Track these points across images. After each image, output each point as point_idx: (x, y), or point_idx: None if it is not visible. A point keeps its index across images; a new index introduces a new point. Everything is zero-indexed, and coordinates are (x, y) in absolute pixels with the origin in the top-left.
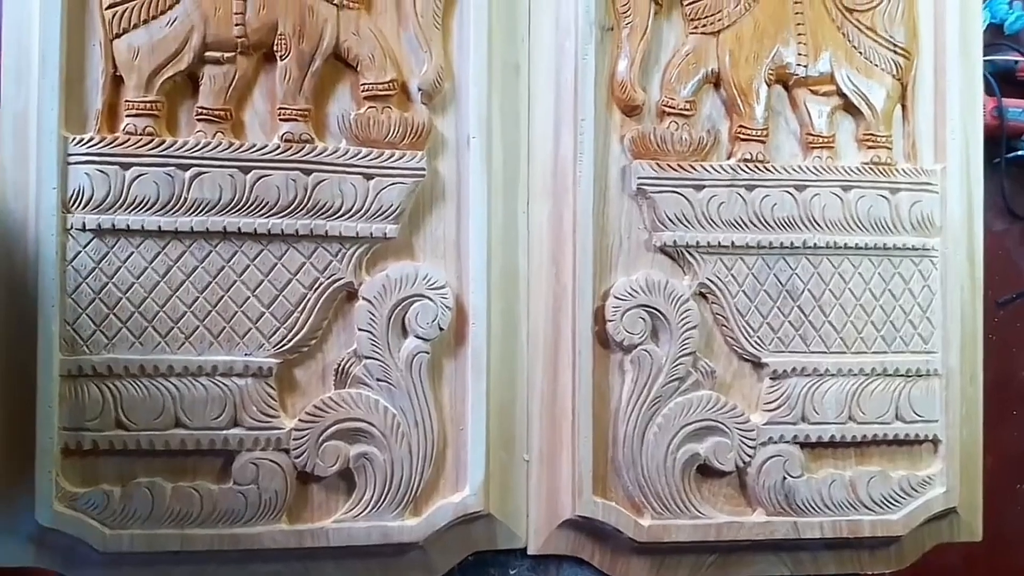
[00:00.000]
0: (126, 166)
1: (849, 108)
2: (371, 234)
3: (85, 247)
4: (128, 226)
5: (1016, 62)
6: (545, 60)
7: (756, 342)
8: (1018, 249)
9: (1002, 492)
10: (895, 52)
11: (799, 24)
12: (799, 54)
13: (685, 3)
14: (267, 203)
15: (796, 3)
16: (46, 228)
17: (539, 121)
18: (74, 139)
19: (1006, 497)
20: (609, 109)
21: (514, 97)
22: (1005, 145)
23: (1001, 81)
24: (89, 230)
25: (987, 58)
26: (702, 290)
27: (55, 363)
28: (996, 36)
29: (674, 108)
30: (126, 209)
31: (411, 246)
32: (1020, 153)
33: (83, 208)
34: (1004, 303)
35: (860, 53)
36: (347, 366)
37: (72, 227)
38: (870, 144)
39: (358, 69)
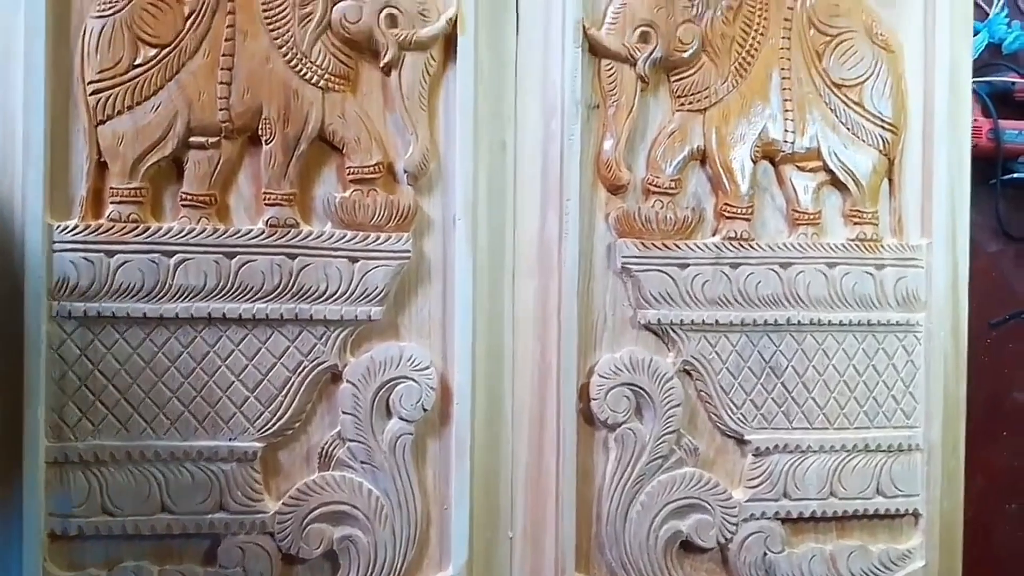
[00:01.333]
0: (111, 253)
1: (836, 183)
2: (356, 317)
3: (71, 335)
4: (113, 313)
5: (1014, 83)
6: (531, 138)
7: (739, 419)
8: (1012, 270)
9: (991, 512)
10: (883, 127)
11: (787, 100)
12: (786, 130)
13: (672, 80)
14: (252, 288)
15: (784, 79)
16: (32, 316)
17: (525, 199)
18: (59, 227)
19: (995, 517)
20: (595, 187)
21: (500, 175)
22: (1001, 167)
23: (998, 102)
24: (75, 318)
25: (985, 79)
26: (686, 367)
27: (41, 450)
28: (994, 56)
29: (659, 187)
30: (111, 296)
31: (396, 326)
32: (1016, 176)
33: (69, 296)
34: (996, 324)
35: (847, 128)
36: (331, 449)
37: (58, 315)
38: (856, 220)
39: (344, 151)
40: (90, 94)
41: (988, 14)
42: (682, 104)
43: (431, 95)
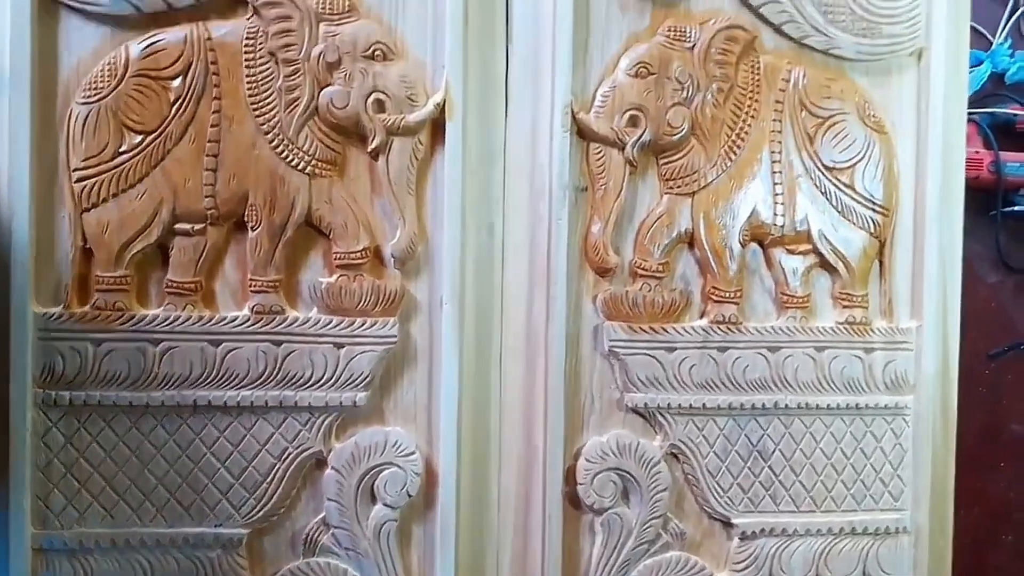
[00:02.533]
0: (97, 342)
1: (825, 265)
2: (340, 403)
3: (56, 423)
4: (99, 401)
5: (1016, 115)
6: (519, 221)
7: (726, 503)
8: (1011, 301)
9: (989, 542)
10: (874, 210)
11: (777, 183)
12: (776, 213)
13: (660, 163)
14: (237, 375)
15: (774, 162)
16: (17, 403)
17: (513, 281)
18: (45, 314)
19: (992, 548)
20: (582, 269)
21: (488, 258)
22: (1002, 198)
23: (1000, 133)
24: (60, 406)
25: (987, 110)
26: (673, 451)
27: (27, 538)
28: (997, 86)
29: (647, 270)
30: (97, 384)
31: (381, 410)
32: (1017, 209)
33: (54, 384)
34: (995, 356)
35: (838, 211)
36: (316, 535)
37: (43, 402)
38: (846, 303)
39: (331, 236)
40: (75, 181)
41: (991, 44)
42: (671, 187)
43: (419, 179)
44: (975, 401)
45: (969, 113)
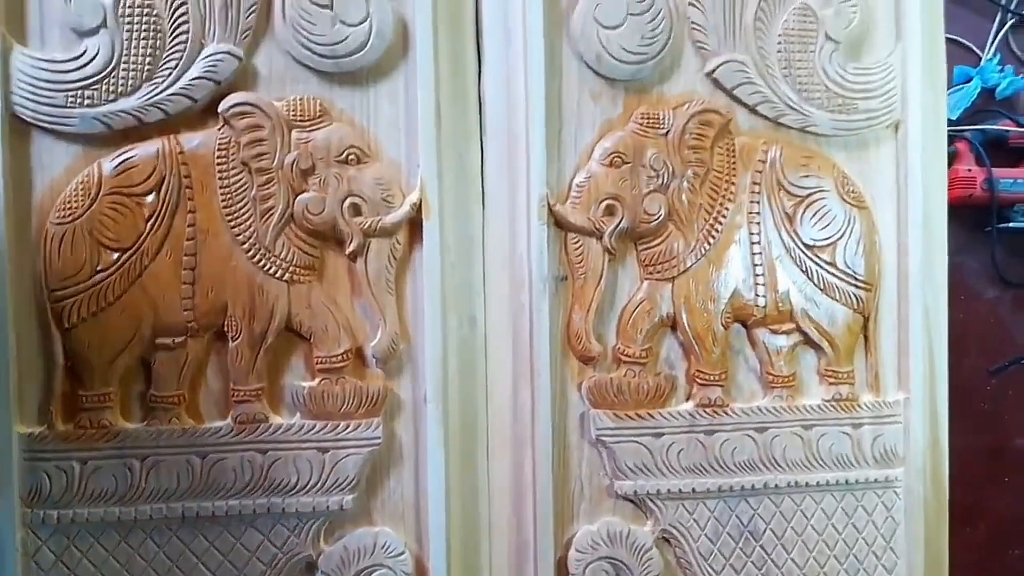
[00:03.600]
0: (83, 460)
1: (810, 343)
2: (327, 507)
3: (46, 541)
4: (87, 518)
5: (1008, 131)
6: (501, 311)
7: None
8: (1010, 316)
9: (995, 558)
10: (856, 285)
11: (757, 264)
12: (757, 294)
13: (639, 249)
14: (224, 485)
15: (754, 243)
16: (6, 524)
17: (496, 373)
18: (30, 435)
19: (999, 563)
20: (566, 357)
21: (471, 350)
22: (997, 214)
23: (992, 148)
24: (49, 524)
25: (978, 127)
26: (664, 535)
27: None
28: (988, 102)
29: (630, 356)
30: (84, 502)
31: (369, 511)
32: (1012, 225)
33: (42, 503)
34: (996, 371)
35: (820, 289)
36: None
37: (32, 522)
38: (832, 380)
39: (311, 341)
40: (54, 301)
41: (980, 60)
42: (650, 272)
43: (398, 277)
44: (977, 417)
45: (960, 130)
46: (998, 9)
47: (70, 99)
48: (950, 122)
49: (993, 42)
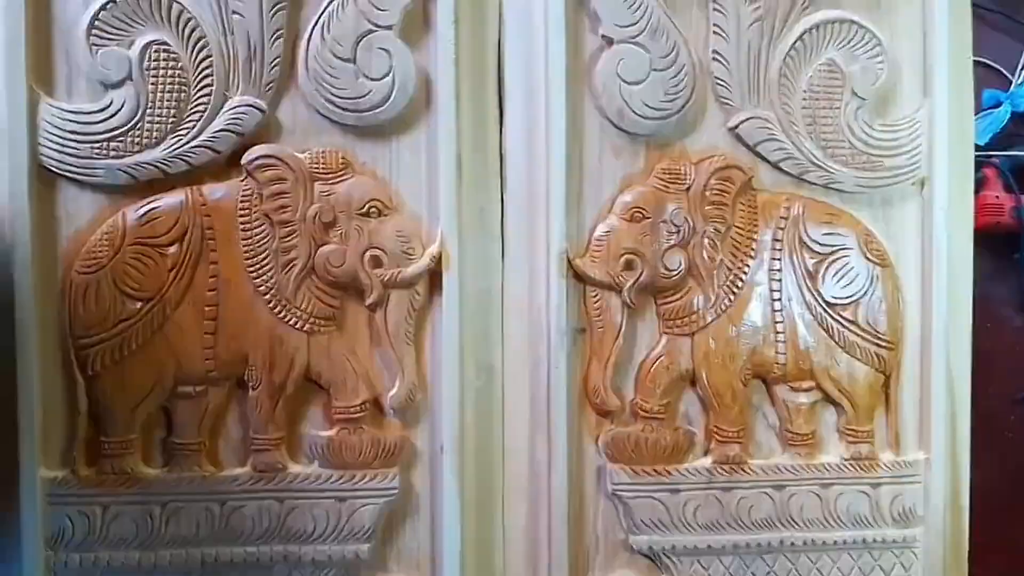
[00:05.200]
0: (105, 506)
1: (830, 400)
2: (344, 556)
3: None
4: (108, 562)
5: None
6: (519, 362)
7: None
8: None
9: None
10: (878, 345)
11: (778, 322)
12: (777, 352)
13: (659, 303)
14: (242, 532)
15: (775, 300)
16: (29, 568)
17: (514, 424)
18: (54, 479)
19: None
20: (583, 409)
21: (488, 399)
22: None
23: (1021, 174)
24: (71, 568)
25: (1007, 153)
26: None
27: None
28: (1018, 127)
29: (649, 411)
30: (106, 546)
31: (384, 561)
32: None
33: (64, 547)
34: (1022, 400)
35: (841, 347)
36: None
37: (55, 566)
38: (852, 439)
39: (330, 391)
40: (78, 350)
41: (1011, 83)
42: (670, 327)
43: (417, 327)
44: (1002, 446)
45: (988, 156)
46: None
47: (96, 150)
48: (978, 147)
49: (1023, 66)
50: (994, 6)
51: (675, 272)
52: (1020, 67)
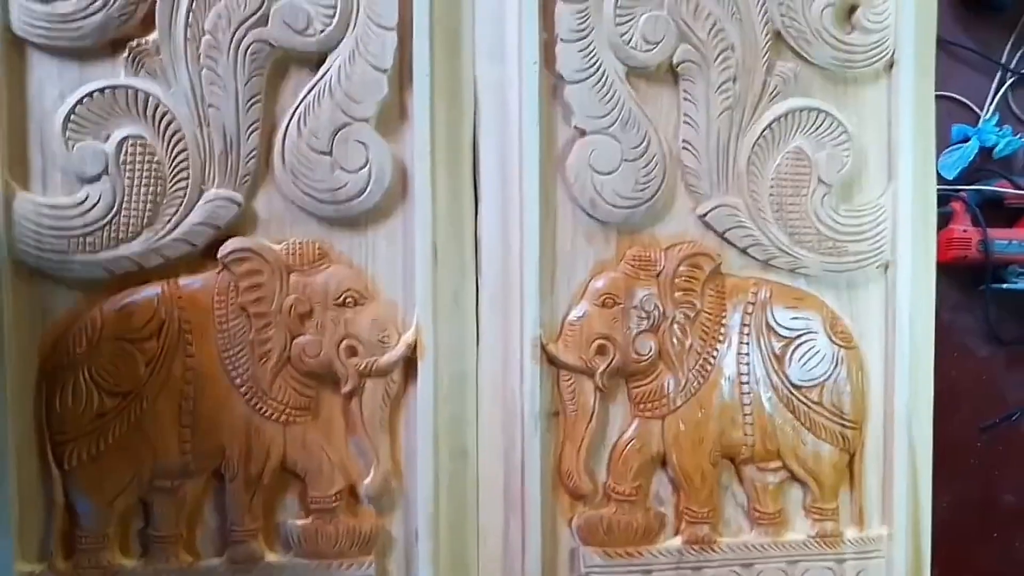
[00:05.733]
0: None
1: (796, 479)
2: None
3: None
4: None
5: (1004, 192)
6: (492, 444)
7: None
8: (1003, 375)
9: None
10: (843, 425)
11: (746, 404)
12: (745, 433)
13: (630, 386)
14: None
15: (743, 383)
16: None
17: (487, 507)
18: (30, 573)
19: None
20: (557, 492)
21: (462, 483)
22: (992, 274)
23: (988, 208)
24: None
25: (974, 187)
26: None
27: None
28: (985, 161)
29: (621, 494)
30: None
31: None
32: (1005, 285)
33: None
34: (987, 428)
35: (807, 428)
36: None
37: None
38: (817, 517)
39: (305, 480)
40: (55, 445)
41: (979, 119)
42: (641, 410)
43: (392, 413)
44: (967, 473)
45: (957, 190)
46: (997, 68)
47: (72, 244)
48: (947, 182)
49: (992, 101)
50: (963, 42)
51: (646, 357)
52: (988, 102)
